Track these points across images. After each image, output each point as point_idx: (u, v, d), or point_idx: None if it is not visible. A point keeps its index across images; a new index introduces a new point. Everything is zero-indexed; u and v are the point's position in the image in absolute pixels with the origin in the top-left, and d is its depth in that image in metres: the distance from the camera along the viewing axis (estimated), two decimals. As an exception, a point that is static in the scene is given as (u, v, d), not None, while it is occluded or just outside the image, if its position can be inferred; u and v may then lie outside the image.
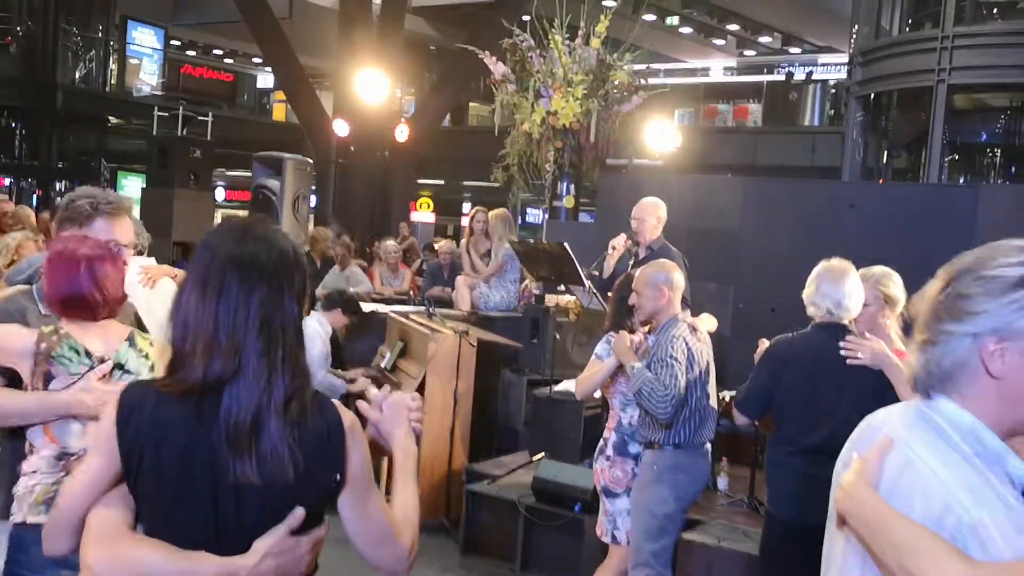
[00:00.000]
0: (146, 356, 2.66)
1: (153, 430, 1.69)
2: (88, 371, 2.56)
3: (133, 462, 1.70)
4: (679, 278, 4.27)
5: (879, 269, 3.89)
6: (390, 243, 10.29)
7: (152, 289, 4.50)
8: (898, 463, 1.57)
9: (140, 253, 4.62)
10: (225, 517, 1.70)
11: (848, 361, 3.50)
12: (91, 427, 2.44)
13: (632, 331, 4.30)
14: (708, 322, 4.62)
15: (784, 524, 3.66)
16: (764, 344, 3.99)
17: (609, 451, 4.41)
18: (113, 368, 2.60)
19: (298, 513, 1.71)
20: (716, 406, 4.33)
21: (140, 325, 2.94)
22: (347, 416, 1.79)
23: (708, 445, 4.29)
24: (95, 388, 2.53)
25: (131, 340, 2.66)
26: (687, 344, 4.12)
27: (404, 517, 1.89)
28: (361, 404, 2.01)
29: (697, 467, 4.22)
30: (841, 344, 3.53)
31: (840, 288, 3.64)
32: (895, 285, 3.85)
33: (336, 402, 1.80)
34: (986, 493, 1.48)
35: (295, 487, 1.70)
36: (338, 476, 1.76)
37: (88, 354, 2.58)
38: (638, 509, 4.18)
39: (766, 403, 3.81)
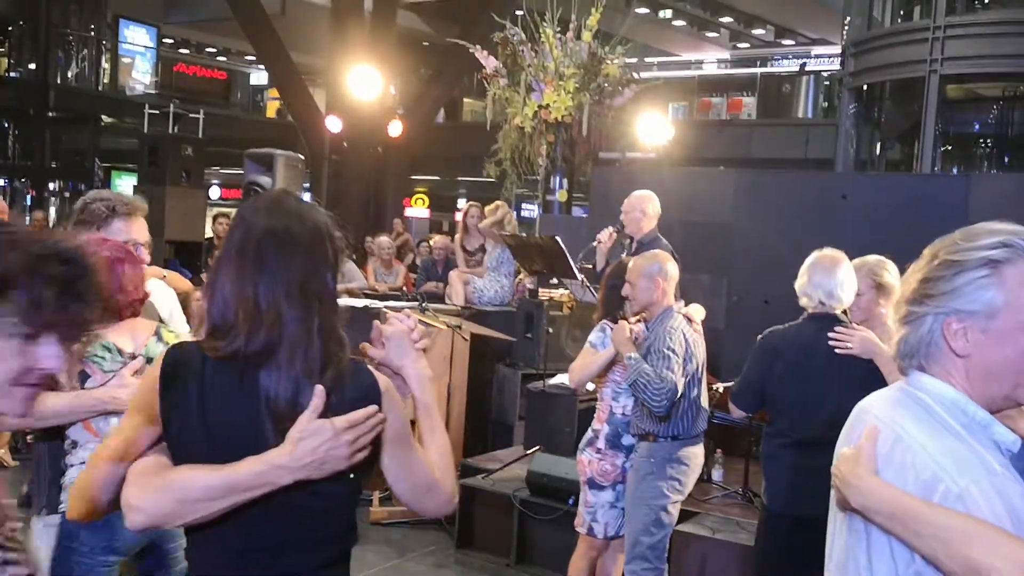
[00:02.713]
0: None
1: (199, 388, 1.72)
2: (122, 368, 2.70)
3: (176, 418, 1.73)
4: (673, 268, 4.24)
5: (874, 258, 3.87)
6: (384, 239, 10.29)
7: None
8: (888, 442, 1.61)
9: None
10: None
11: (837, 351, 3.50)
12: (133, 387, 2.51)
13: (626, 321, 4.29)
14: (698, 312, 4.66)
15: (778, 516, 3.66)
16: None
17: (600, 443, 4.35)
18: (145, 363, 2.72)
19: (319, 391, 1.70)
20: (708, 397, 4.33)
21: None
22: (382, 379, 1.82)
23: (702, 436, 4.28)
24: (129, 383, 2.64)
25: (158, 334, 2.79)
26: (685, 336, 4.10)
27: (441, 463, 1.91)
28: (363, 347, 1.99)
29: (694, 459, 4.21)
30: (830, 334, 3.53)
31: (832, 278, 3.62)
32: (890, 273, 3.83)
33: (370, 367, 1.83)
34: (970, 461, 1.51)
35: None
36: (378, 438, 1.78)
37: (120, 351, 2.72)
38: (635, 502, 4.15)
39: (760, 396, 3.79)
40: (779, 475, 3.69)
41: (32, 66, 21.40)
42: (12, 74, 21.62)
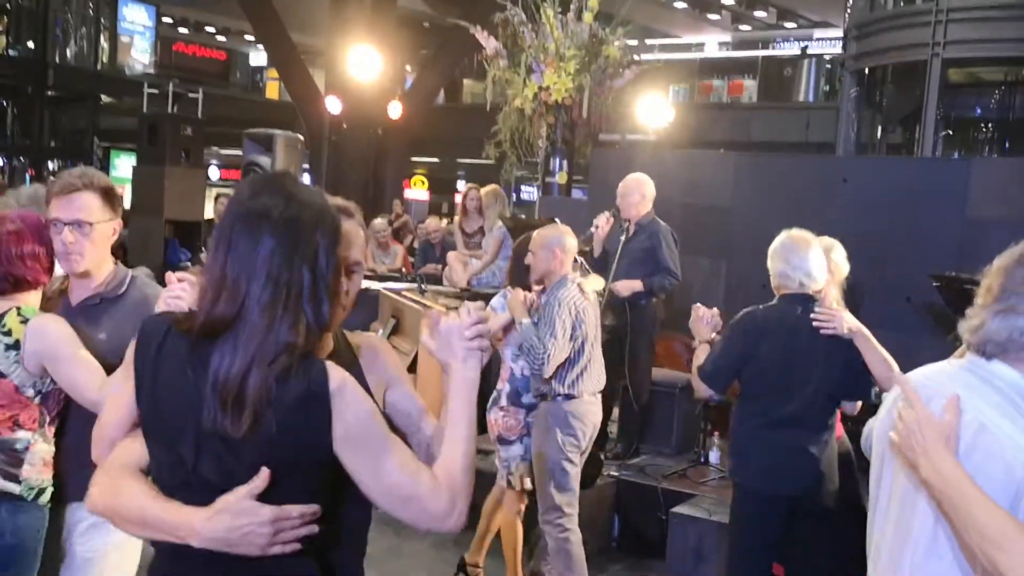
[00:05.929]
0: (7, 332, 2.66)
1: (156, 361, 1.72)
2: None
3: (139, 389, 1.76)
4: (572, 241, 4.47)
5: (827, 240, 4.01)
6: (378, 221, 10.26)
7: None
8: (972, 428, 1.63)
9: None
10: (202, 461, 1.67)
11: (822, 331, 3.54)
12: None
13: (529, 289, 4.51)
14: (595, 283, 5.01)
15: (755, 495, 3.69)
16: (699, 310, 3.95)
17: (503, 402, 4.62)
18: None
19: (263, 474, 1.63)
20: (602, 359, 4.56)
21: None
22: (335, 376, 1.68)
23: (598, 395, 4.51)
24: None
25: (1, 316, 2.69)
26: (575, 304, 4.33)
27: (443, 473, 1.76)
28: (424, 333, 1.92)
29: (588, 416, 4.43)
30: (813, 315, 3.57)
31: (808, 259, 3.68)
32: (840, 255, 4.06)
33: (328, 362, 1.70)
34: None
35: (274, 444, 1.65)
36: (324, 438, 1.67)
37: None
38: (539, 459, 4.43)
39: (735, 376, 3.79)
40: (756, 454, 3.71)
41: (31, 45, 21.32)
42: (11, 53, 21.55)
